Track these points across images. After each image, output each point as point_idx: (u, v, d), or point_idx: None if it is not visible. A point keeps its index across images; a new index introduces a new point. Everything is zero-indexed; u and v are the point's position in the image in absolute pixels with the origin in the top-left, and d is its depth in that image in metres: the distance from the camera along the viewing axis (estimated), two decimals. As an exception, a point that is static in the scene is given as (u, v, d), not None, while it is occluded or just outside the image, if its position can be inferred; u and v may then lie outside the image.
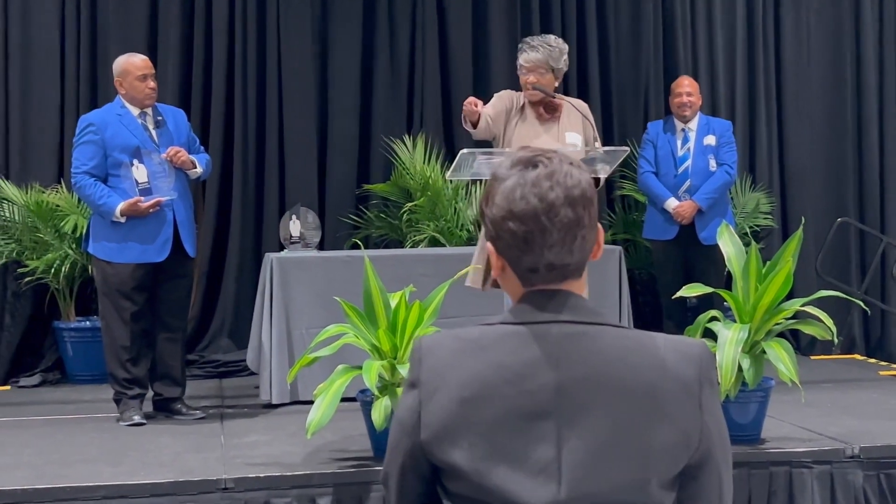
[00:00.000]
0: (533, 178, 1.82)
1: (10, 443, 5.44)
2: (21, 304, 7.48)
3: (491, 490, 1.78)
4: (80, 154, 5.73)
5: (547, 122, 5.40)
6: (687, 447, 1.81)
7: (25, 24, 7.50)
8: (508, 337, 1.83)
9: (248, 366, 6.80)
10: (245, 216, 7.78)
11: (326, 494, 4.69)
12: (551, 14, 8.04)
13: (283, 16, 7.76)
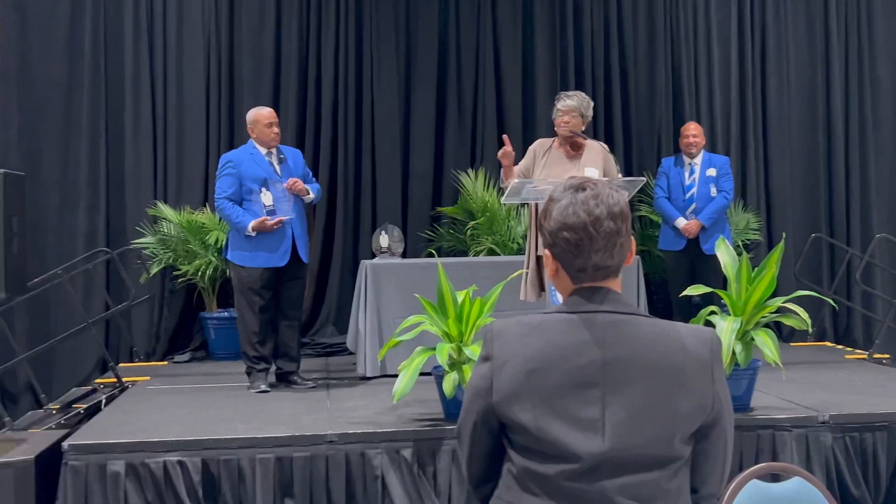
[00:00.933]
0: (582, 198, 1.85)
1: (167, 405, 5.51)
2: (175, 299, 7.62)
3: (549, 442, 1.80)
4: (222, 184, 5.78)
5: (572, 159, 5.38)
6: (703, 411, 1.84)
7: (179, 82, 7.63)
8: (563, 322, 1.85)
9: (347, 347, 6.80)
10: (346, 231, 7.84)
11: (408, 447, 4.65)
12: (583, 72, 8.04)
13: (375, 75, 7.83)
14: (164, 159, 7.63)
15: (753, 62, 8.21)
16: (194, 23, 7.64)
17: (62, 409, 6.02)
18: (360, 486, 4.63)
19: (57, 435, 5.07)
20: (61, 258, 7.09)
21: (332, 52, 7.77)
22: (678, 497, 1.82)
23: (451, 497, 4.68)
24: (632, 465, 1.78)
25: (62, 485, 4.50)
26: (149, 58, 7.59)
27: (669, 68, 8.14)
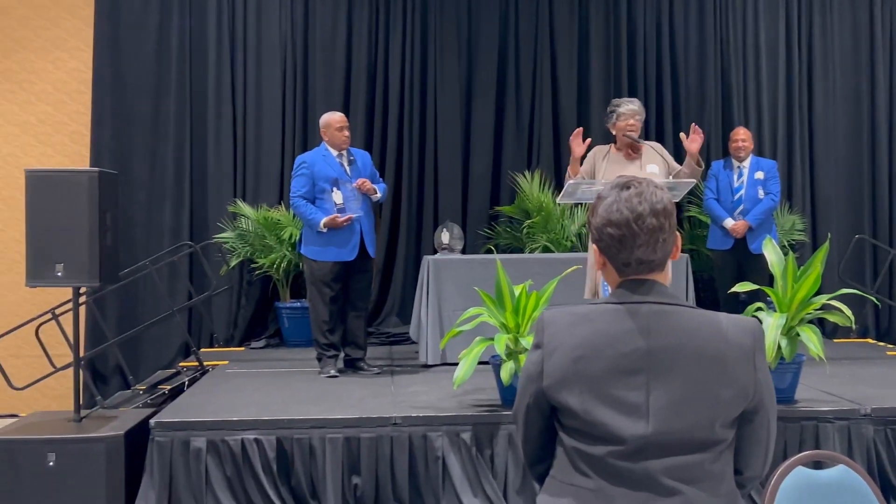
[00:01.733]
0: (626, 196, 1.84)
1: (244, 387, 5.56)
2: (252, 289, 7.69)
3: (596, 424, 1.78)
4: (296, 183, 5.81)
5: (632, 160, 5.34)
6: (745, 398, 1.81)
7: (258, 90, 7.70)
8: (610, 312, 1.83)
9: (410, 336, 6.78)
10: (409, 228, 7.84)
11: (467, 430, 4.64)
12: (636, 79, 7.95)
13: (438, 83, 7.82)
14: (242, 161, 7.71)
15: (800, 70, 8.04)
16: (272, 36, 7.71)
17: (148, 390, 6.14)
18: (422, 466, 4.64)
19: (144, 413, 5.19)
20: (149, 251, 7.24)
21: (398, 61, 7.79)
22: (721, 479, 1.80)
23: (508, 478, 4.67)
24: (675, 447, 1.77)
25: (149, 459, 4.58)
26: (230, 68, 7.68)
27: (719, 76, 8.01)
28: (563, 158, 7.79)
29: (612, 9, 7.95)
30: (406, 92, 7.81)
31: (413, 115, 7.82)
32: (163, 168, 7.60)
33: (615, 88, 7.83)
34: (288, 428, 4.62)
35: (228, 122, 7.67)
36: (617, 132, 5.35)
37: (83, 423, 4.94)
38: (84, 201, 4.78)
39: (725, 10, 8.04)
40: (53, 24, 7.67)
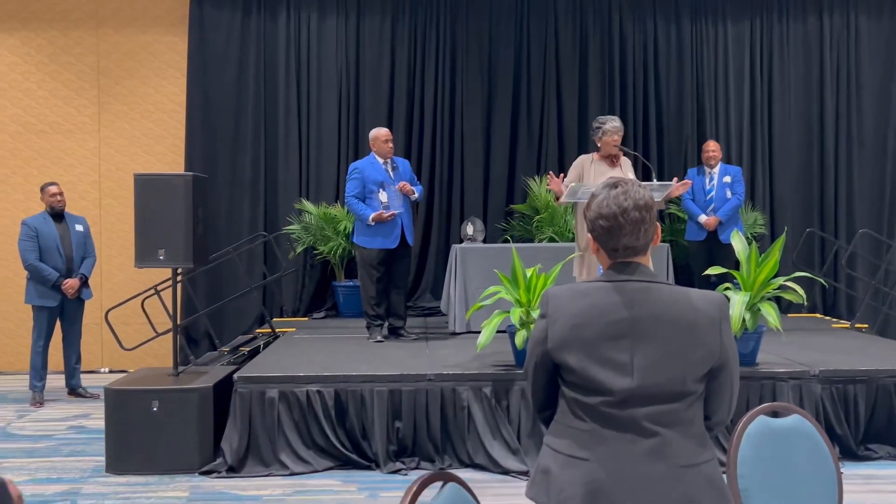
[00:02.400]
0: (614, 194, 1.83)
1: (308, 349, 5.60)
2: (314, 271, 7.71)
3: (590, 379, 1.79)
4: (350, 186, 5.80)
5: (613, 167, 5.34)
6: (712, 358, 1.80)
7: (319, 110, 7.70)
8: (601, 289, 1.83)
9: (441, 310, 6.78)
10: (440, 222, 7.82)
11: (488, 385, 4.66)
12: (626, 99, 7.86)
13: (465, 103, 7.78)
14: (306, 166, 7.71)
15: (762, 94, 7.93)
16: (329, 66, 7.70)
17: (231, 351, 6.17)
18: (451, 413, 4.66)
19: (228, 370, 5.23)
20: (230, 240, 7.27)
21: (431, 85, 7.77)
22: (692, 423, 1.80)
23: (520, 424, 4.67)
24: (655, 398, 1.76)
25: (232, 406, 4.63)
26: (296, 92, 7.68)
27: (694, 97, 7.92)
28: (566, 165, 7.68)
29: (607, 42, 7.87)
30: (438, 110, 7.80)
31: (443, 130, 7.81)
32: (242, 173, 7.62)
33: (609, 107, 7.77)
34: (344, 382, 4.66)
35: (294, 135, 7.67)
36: (603, 144, 5.34)
37: (180, 377, 4.99)
38: (181, 199, 4.81)
39: (700, 44, 7.95)
40: (155, 58, 7.72)
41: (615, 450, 1.76)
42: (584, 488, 1.74)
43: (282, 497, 4.23)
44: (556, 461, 1.81)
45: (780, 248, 4.66)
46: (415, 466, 4.61)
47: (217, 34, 7.58)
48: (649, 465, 1.74)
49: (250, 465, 4.56)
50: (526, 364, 1.95)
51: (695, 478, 1.75)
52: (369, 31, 7.71)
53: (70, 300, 6.31)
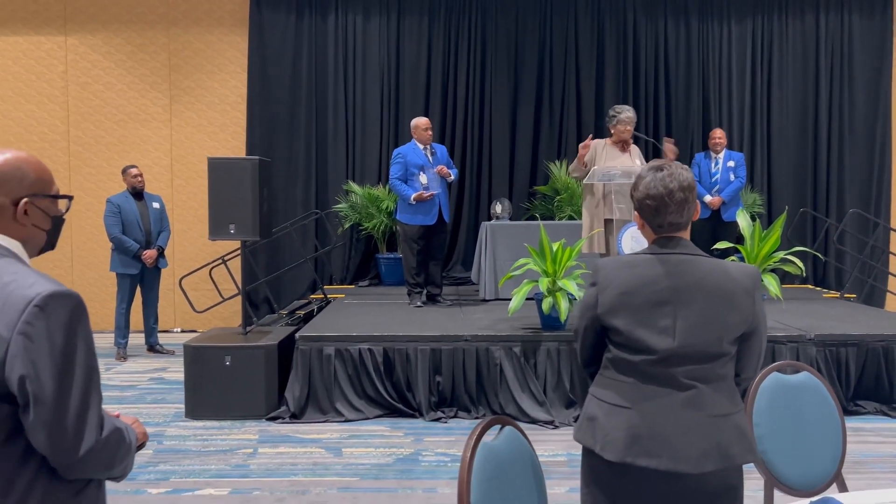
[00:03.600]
0: (661, 176, 1.82)
1: (357, 313, 5.65)
2: (359, 245, 7.70)
3: (636, 340, 1.78)
4: (394, 169, 5.79)
5: (624, 151, 5.28)
6: (745, 323, 1.80)
7: (363, 99, 7.67)
8: (647, 261, 1.83)
9: (472, 279, 6.81)
10: (470, 202, 7.79)
11: (517, 346, 4.69)
12: (639, 89, 7.75)
13: (494, 94, 7.72)
14: (352, 152, 7.71)
15: (762, 85, 7.80)
16: (373, 61, 7.67)
17: (288, 314, 6.23)
18: (485, 370, 4.70)
19: (289, 330, 5.30)
20: (286, 217, 7.33)
21: (464, 78, 7.72)
22: (724, 379, 1.80)
23: (546, 380, 4.70)
24: (693, 357, 1.76)
25: (294, 361, 4.70)
26: (343, 84, 7.67)
27: (700, 88, 7.80)
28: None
29: (622, 38, 7.77)
30: (469, 101, 7.75)
31: (474, 118, 7.76)
32: (296, 157, 7.64)
33: (623, 97, 7.69)
34: (391, 341, 4.71)
35: (342, 124, 7.67)
36: (616, 132, 5.29)
37: (248, 335, 5.06)
38: (248, 180, 4.86)
39: (707, 40, 7.82)
40: (219, 55, 7.76)
41: (655, 400, 1.76)
42: (627, 433, 1.75)
43: (339, 440, 4.32)
44: (601, 409, 1.82)
45: (781, 224, 4.64)
46: (453, 415, 4.67)
47: (274, 34, 7.58)
48: (685, 413, 1.74)
49: (310, 412, 4.66)
50: (576, 326, 1.95)
51: (726, 426, 1.76)
52: (408, 30, 7.66)
53: (148, 268, 6.42)
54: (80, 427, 1.36)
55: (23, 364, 1.31)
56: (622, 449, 1.74)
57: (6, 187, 1.41)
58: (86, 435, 1.36)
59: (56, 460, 1.36)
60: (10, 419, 1.34)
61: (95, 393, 1.39)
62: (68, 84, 7.68)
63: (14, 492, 1.35)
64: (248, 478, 3.76)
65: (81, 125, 7.70)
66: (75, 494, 1.43)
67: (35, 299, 1.32)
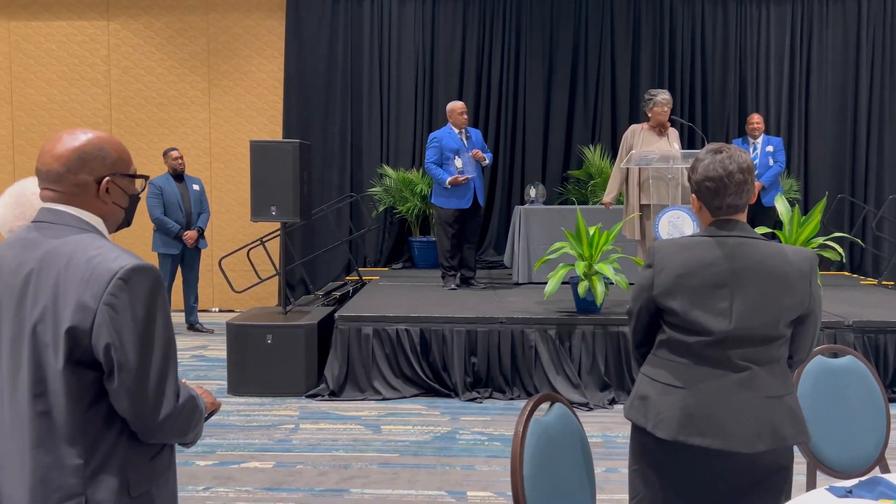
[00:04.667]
0: (720, 158, 1.81)
1: (394, 294, 5.69)
2: (393, 228, 7.76)
3: (692, 322, 1.78)
4: (429, 154, 5.79)
5: (661, 136, 5.21)
6: (801, 306, 1.80)
7: (398, 85, 7.69)
8: (704, 243, 1.82)
9: (504, 263, 6.86)
10: (503, 186, 7.79)
11: (552, 328, 4.71)
12: (675, 74, 7.68)
13: (528, 78, 7.70)
14: (387, 136, 7.74)
15: (801, 68, 7.67)
16: (408, 46, 7.69)
17: (324, 295, 6.35)
18: (520, 352, 4.74)
19: (328, 310, 5.39)
20: (322, 199, 7.39)
21: (498, 63, 7.71)
22: (778, 360, 1.81)
23: (581, 363, 4.74)
24: (748, 339, 1.76)
25: (333, 340, 4.79)
26: (378, 69, 7.70)
27: (737, 72, 7.70)
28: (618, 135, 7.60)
29: (658, 22, 7.68)
30: (503, 85, 7.73)
31: (508, 103, 7.75)
32: (332, 141, 7.70)
33: (658, 81, 7.61)
34: (427, 322, 4.77)
35: (377, 108, 7.71)
36: (653, 115, 5.22)
37: (288, 315, 5.15)
38: (289, 163, 4.92)
39: (744, 24, 7.70)
40: (256, 39, 7.83)
41: (709, 381, 1.76)
42: (680, 412, 1.76)
43: (377, 417, 4.41)
44: (654, 388, 1.83)
45: (820, 210, 4.59)
46: (488, 396, 4.73)
47: (310, 18, 7.63)
48: (739, 394, 1.75)
49: (348, 390, 4.75)
50: (630, 308, 1.95)
51: (778, 407, 1.76)
52: (443, 13, 7.65)
53: (189, 249, 6.55)
54: (159, 393, 1.43)
55: (108, 333, 1.38)
56: (675, 428, 1.76)
57: (90, 166, 1.48)
58: (164, 401, 1.44)
59: (137, 424, 1.43)
60: (95, 385, 1.41)
61: (173, 362, 1.46)
62: (110, 68, 7.82)
63: (98, 453, 1.42)
64: (291, 452, 3.86)
65: (123, 108, 7.85)
66: (151, 458, 1.50)
67: (119, 272, 1.39)
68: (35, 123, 7.87)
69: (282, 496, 3.32)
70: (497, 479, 3.50)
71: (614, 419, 4.38)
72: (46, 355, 1.39)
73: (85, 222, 1.48)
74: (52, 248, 1.42)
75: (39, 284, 1.40)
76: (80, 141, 1.48)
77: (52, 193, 1.48)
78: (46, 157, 1.47)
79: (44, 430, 1.40)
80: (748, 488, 1.79)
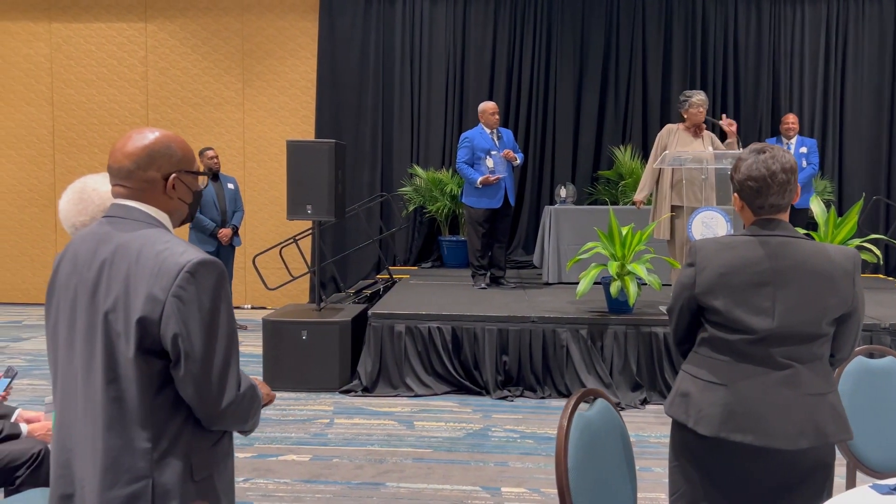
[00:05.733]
0: (763, 158, 1.81)
1: (425, 293, 5.75)
2: (423, 227, 7.81)
3: (735, 320, 1.79)
4: (461, 153, 5.81)
5: (696, 137, 5.17)
6: (844, 305, 1.80)
7: (429, 86, 7.75)
8: (747, 242, 1.83)
9: (533, 262, 6.88)
10: (532, 186, 7.80)
11: (584, 328, 4.73)
12: (707, 74, 7.65)
13: (558, 78, 7.71)
14: (417, 136, 7.80)
15: (836, 69, 7.60)
16: (439, 46, 7.75)
17: (355, 293, 6.40)
18: (551, 351, 4.77)
19: (360, 307, 5.46)
20: (352, 199, 7.45)
21: (529, 63, 7.73)
22: (821, 359, 1.81)
23: (613, 363, 4.75)
24: (791, 338, 1.76)
25: (367, 337, 4.86)
26: (409, 69, 7.76)
27: (770, 73, 7.64)
28: (650, 135, 7.61)
29: (690, 20, 7.65)
30: (533, 85, 7.75)
31: (538, 102, 7.76)
32: (363, 141, 7.78)
33: (690, 81, 7.59)
34: (459, 321, 4.81)
35: (407, 108, 7.77)
36: (689, 116, 5.20)
37: (322, 311, 5.24)
38: (325, 162, 5.00)
39: (778, 24, 7.65)
40: (290, 40, 7.95)
41: (751, 379, 1.77)
42: (722, 409, 1.77)
43: (410, 413, 4.47)
44: (695, 386, 1.83)
45: (857, 211, 4.54)
46: (519, 394, 4.76)
47: (343, 20, 7.72)
48: (781, 391, 1.75)
49: (381, 386, 4.82)
50: (671, 306, 1.96)
51: (822, 405, 1.77)
52: (474, 14, 7.70)
53: (224, 246, 6.65)
54: (222, 381, 1.49)
55: (176, 323, 1.44)
56: (717, 424, 1.77)
57: (158, 163, 1.55)
58: (227, 389, 1.50)
59: (201, 411, 1.50)
60: (162, 373, 1.48)
61: (235, 351, 1.53)
62: (148, 69, 7.99)
63: (165, 438, 1.49)
64: (327, 446, 3.94)
65: (160, 108, 8.01)
66: (213, 444, 1.57)
67: (186, 266, 1.46)
68: (74, 123, 8.07)
69: (319, 488, 3.39)
70: (531, 476, 3.54)
71: (646, 419, 4.39)
72: (118, 343, 1.46)
73: (153, 217, 1.55)
74: (123, 242, 1.49)
75: (112, 276, 1.47)
76: (148, 139, 1.55)
77: (123, 189, 1.55)
78: (118, 155, 1.54)
79: (115, 415, 1.46)
80: (789, 486, 1.80)
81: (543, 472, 3.57)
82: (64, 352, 1.53)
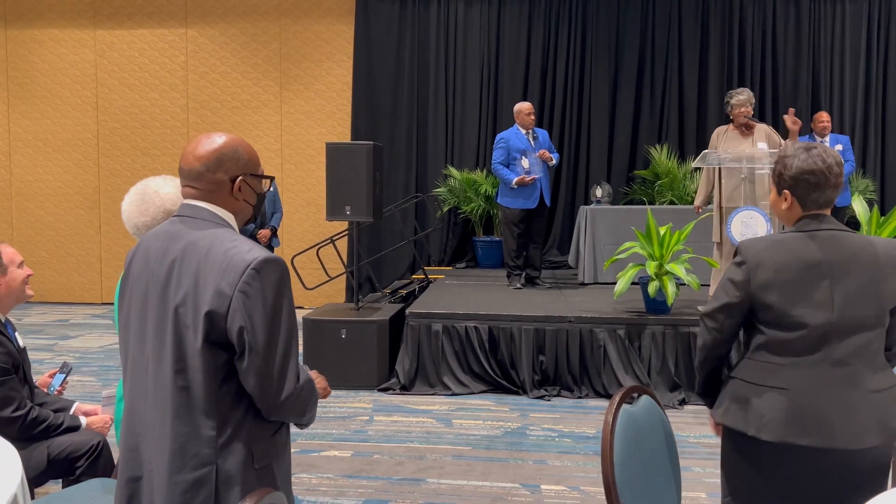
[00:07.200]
0: (815, 153, 1.83)
1: (461, 293, 5.79)
2: (457, 228, 7.86)
3: (791, 316, 1.78)
4: (496, 154, 5.85)
5: (746, 136, 5.14)
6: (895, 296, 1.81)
7: (464, 85, 7.81)
8: (797, 238, 1.83)
9: (568, 263, 6.88)
10: (567, 186, 7.81)
11: (622, 328, 4.72)
12: (745, 73, 7.58)
13: (593, 77, 7.71)
14: (452, 137, 7.86)
15: (877, 65, 7.47)
16: (473, 47, 7.81)
17: (391, 293, 6.49)
18: (588, 351, 4.78)
19: (398, 307, 5.53)
20: (388, 200, 7.56)
21: (563, 63, 7.75)
22: (878, 352, 1.81)
23: (651, 363, 4.75)
24: (850, 330, 1.76)
25: (404, 336, 4.92)
26: (444, 70, 7.83)
27: (810, 70, 7.55)
28: (686, 135, 7.61)
29: (727, 17, 7.60)
30: (568, 85, 7.76)
31: (573, 102, 7.76)
32: (399, 142, 7.86)
33: (727, 82, 7.53)
34: (496, 320, 4.85)
35: (442, 109, 7.84)
36: (734, 116, 5.17)
37: (360, 311, 5.33)
38: (364, 164, 5.08)
39: (818, 22, 7.55)
40: (326, 44, 8.08)
41: (811, 380, 1.76)
42: (785, 413, 1.76)
43: (448, 412, 4.53)
44: (752, 392, 1.82)
45: (901, 211, 4.47)
46: (556, 394, 4.78)
47: (378, 23, 7.82)
48: (842, 391, 1.75)
49: (419, 385, 4.88)
50: (712, 308, 1.91)
51: (885, 401, 1.76)
52: (509, 15, 7.74)
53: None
54: (282, 374, 1.56)
55: (241, 317, 1.52)
56: (782, 429, 1.76)
57: (226, 166, 1.63)
58: (287, 381, 1.57)
59: (261, 402, 1.57)
60: (227, 364, 1.56)
61: (295, 345, 1.60)
62: (188, 73, 8.19)
63: (228, 426, 1.57)
64: (368, 442, 4.02)
65: (199, 112, 8.20)
66: (272, 435, 1.64)
67: (252, 263, 1.53)
68: (118, 127, 8.30)
69: (362, 483, 3.46)
70: (570, 475, 3.57)
71: (685, 419, 4.39)
72: (187, 335, 1.54)
73: (220, 217, 1.63)
74: (193, 240, 1.58)
75: (182, 272, 1.56)
76: (217, 143, 1.64)
77: (193, 190, 1.64)
78: (189, 158, 1.63)
79: (183, 403, 1.55)
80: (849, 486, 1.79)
81: (583, 471, 3.60)
82: (135, 343, 1.62)
